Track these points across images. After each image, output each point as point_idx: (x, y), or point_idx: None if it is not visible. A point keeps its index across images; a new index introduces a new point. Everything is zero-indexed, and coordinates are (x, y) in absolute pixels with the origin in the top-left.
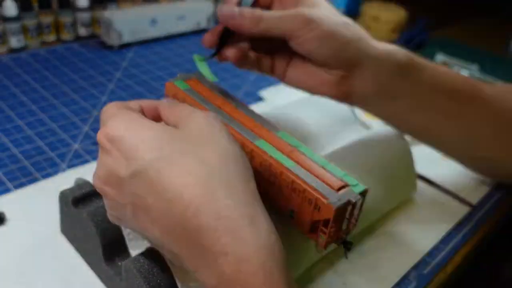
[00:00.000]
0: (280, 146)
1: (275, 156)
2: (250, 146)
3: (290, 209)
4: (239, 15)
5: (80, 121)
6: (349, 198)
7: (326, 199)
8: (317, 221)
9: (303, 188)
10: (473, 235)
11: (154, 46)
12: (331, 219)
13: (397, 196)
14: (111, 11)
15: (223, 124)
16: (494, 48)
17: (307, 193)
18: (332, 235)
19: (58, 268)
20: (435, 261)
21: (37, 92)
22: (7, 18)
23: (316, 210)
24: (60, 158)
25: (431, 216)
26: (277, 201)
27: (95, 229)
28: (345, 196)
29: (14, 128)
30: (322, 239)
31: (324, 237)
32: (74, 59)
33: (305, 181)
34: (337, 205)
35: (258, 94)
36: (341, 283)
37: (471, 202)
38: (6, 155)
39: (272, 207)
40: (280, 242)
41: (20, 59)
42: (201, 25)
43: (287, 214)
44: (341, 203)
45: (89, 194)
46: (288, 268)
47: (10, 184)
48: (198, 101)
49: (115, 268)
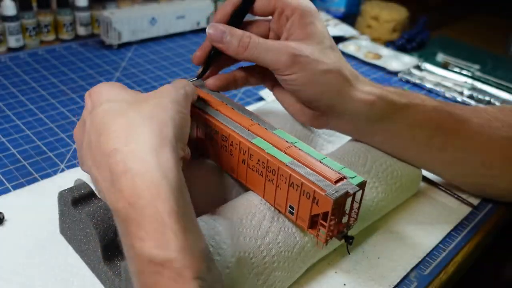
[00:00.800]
0: (277, 143)
1: (272, 152)
2: (248, 144)
3: (289, 205)
4: (227, 40)
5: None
6: (347, 190)
7: (324, 191)
8: (316, 215)
9: (300, 182)
10: (474, 236)
11: (154, 46)
12: (329, 211)
13: (398, 196)
14: (110, 10)
15: (183, 101)
16: (494, 48)
17: (305, 186)
18: (332, 228)
19: (57, 268)
20: (436, 261)
21: (36, 92)
22: (5, 17)
23: (314, 203)
24: (59, 158)
25: (432, 216)
26: (276, 198)
27: (94, 230)
28: (342, 188)
29: (12, 128)
30: (322, 234)
31: (324, 231)
32: (73, 59)
33: (302, 175)
34: (335, 197)
35: (258, 94)
36: (341, 283)
37: (472, 203)
38: (5, 155)
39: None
40: (179, 173)
41: (18, 58)
42: (201, 25)
43: (288, 211)
44: (339, 195)
45: (88, 195)
46: (186, 197)
47: (9, 185)
48: (196, 105)
49: (114, 269)
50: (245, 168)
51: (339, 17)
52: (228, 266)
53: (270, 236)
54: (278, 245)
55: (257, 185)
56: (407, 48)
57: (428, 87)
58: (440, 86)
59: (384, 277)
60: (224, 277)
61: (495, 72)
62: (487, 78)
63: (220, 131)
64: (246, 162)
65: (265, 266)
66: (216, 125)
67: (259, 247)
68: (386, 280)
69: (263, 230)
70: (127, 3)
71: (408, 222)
